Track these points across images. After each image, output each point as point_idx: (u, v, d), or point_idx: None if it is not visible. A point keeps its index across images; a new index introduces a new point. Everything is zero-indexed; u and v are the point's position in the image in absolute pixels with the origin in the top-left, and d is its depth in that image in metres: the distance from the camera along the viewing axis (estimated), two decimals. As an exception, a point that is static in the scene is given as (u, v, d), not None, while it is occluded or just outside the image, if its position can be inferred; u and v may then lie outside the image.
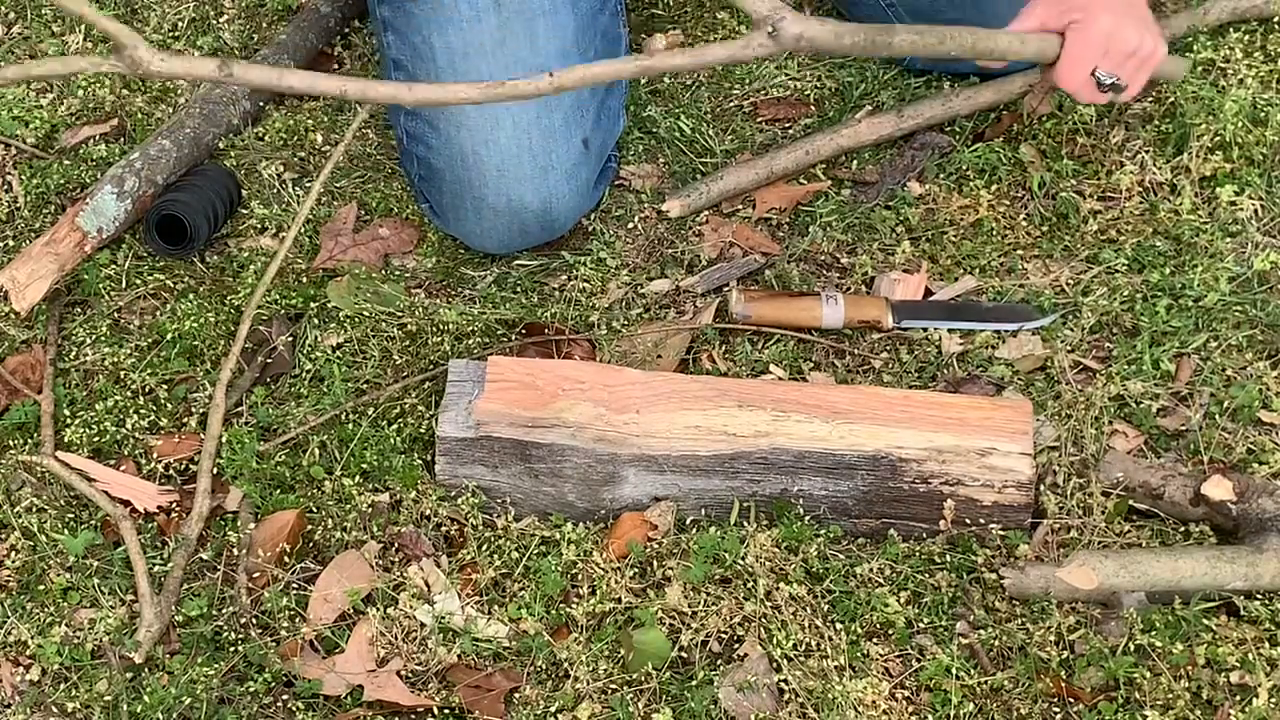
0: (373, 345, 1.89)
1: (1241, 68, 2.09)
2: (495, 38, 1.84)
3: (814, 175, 2.06)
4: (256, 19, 2.30)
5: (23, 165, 2.11)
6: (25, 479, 1.77)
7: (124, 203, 1.96)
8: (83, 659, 1.62)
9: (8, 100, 2.17)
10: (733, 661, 1.59)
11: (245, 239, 2.02)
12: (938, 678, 1.57)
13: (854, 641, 1.59)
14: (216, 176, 2.03)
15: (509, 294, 1.95)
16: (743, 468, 1.68)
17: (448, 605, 1.64)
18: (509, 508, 1.72)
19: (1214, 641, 1.57)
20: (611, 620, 1.62)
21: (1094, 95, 1.84)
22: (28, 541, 1.71)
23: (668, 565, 1.65)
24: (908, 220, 1.99)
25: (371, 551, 1.69)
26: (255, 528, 1.71)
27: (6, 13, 2.32)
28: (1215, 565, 1.58)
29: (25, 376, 1.86)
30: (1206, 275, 1.88)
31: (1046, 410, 1.78)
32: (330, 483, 1.75)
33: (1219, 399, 1.78)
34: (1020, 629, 1.60)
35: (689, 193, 2.01)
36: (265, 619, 1.64)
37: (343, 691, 1.58)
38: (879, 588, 1.64)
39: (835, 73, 2.18)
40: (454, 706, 1.57)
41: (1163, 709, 1.52)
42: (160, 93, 2.20)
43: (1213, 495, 1.65)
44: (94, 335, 1.91)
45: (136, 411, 1.82)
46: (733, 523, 1.69)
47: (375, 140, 2.14)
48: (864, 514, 1.69)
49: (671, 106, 2.15)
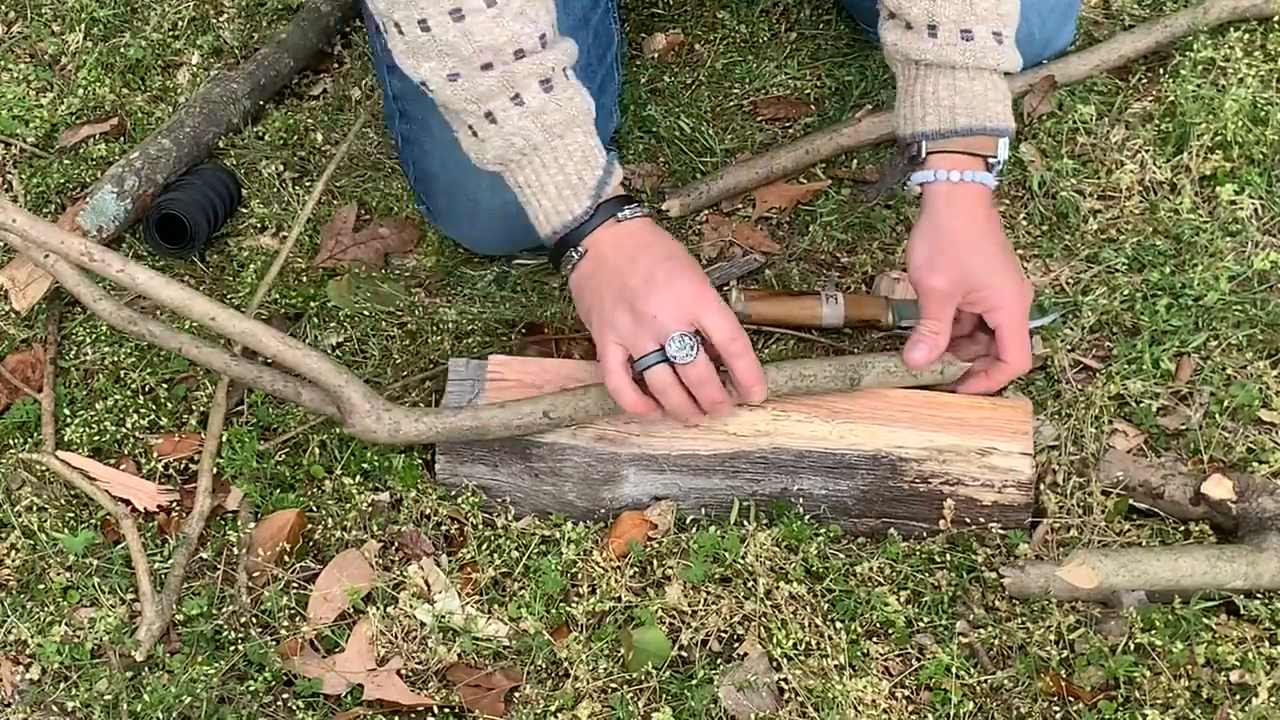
0: (373, 344, 1.89)
1: (1241, 67, 2.09)
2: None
3: (814, 174, 2.06)
4: (256, 18, 2.30)
5: (23, 164, 2.11)
6: (25, 478, 1.77)
7: (124, 202, 1.96)
8: (83, 658, 1.62)
9: (8, 100, 2.17)
10: (733, 661, 1.59)
11: (245, 238, 2.02)
12: (938, 677, 1.57)
13: (854, 640, 1.59)
14: (216, 176, 2.03)
15: (509, 293, 1.95)
16: (743, 467, 1.68)
17: (448, 604, 1.64)
18: (509, 507, 1.72)
19: (1214, 640, 1.57)
20: (611, 619, 1.62)
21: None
22: (28, 540, 1.71)
23: (668, 564, 1.65)
24: (908, 219, 1.99)
25: (371, 551, 1.69)
26: (255, 527, 1.71)
27: (6, 12, 2.32)
28: (1215, 564, 1.58)
29: (25, 375, 1.86)
30: (1206, 274, 1.88)
31: (1046, 410, 1.78)
32: (330, 482, 1.75)
33: (1219, 398, 1.78)
34: (1020, 628, 1.60)
35: (689, 192, 2.01)
36: (265, 618, 1.64)
37: (343, 690, 1.58)
38: (879, 587, 1.64)
39: (835, 72, 2.18)
40: (454, 706, 1.57)
41: (1162, 708, 1.52)
42: (160, 92, 2.20)
43: (1213, 494, 1.65)
44: (94, 334, 1.91)
45: (136, 410, 1.82)
46: (733, 522, 1.69)
47: (375, 140, 2.14)
48: (864, 513, 1.69)
49: (671, 105, 2.15)
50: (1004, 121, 1.66)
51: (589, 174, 1.60)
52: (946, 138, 1.65)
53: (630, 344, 1.57)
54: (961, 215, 1.65)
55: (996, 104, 1.65)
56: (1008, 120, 1.66)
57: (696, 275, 1.59)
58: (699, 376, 1.57)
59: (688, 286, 1.57)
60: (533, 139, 1.58)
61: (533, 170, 1.60)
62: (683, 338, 1.55)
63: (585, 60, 1.91)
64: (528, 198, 1.62)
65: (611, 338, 1.58)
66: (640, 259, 1.58)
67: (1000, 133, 1.66)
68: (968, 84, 1.64)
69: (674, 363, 1.56)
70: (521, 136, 1.58)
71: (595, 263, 1.60)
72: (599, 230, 1.60)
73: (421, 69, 1.58)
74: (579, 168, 1.59)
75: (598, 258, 1.60)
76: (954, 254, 1.64)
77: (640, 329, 1.56)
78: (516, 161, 1.60)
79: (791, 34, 2.25)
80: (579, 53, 1.63)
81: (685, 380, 1.57)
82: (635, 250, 1.59)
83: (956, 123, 1.65)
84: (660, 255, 1.59)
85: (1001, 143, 1.66)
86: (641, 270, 1.57)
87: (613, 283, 1.58)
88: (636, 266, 1.58)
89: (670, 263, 1.59)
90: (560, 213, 1.60)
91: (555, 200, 1.60)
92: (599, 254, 1.60)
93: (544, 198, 1.60)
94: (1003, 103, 1.66)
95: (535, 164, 1.59)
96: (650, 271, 1.57)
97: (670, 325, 1.55)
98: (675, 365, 1.56)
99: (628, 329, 1.57)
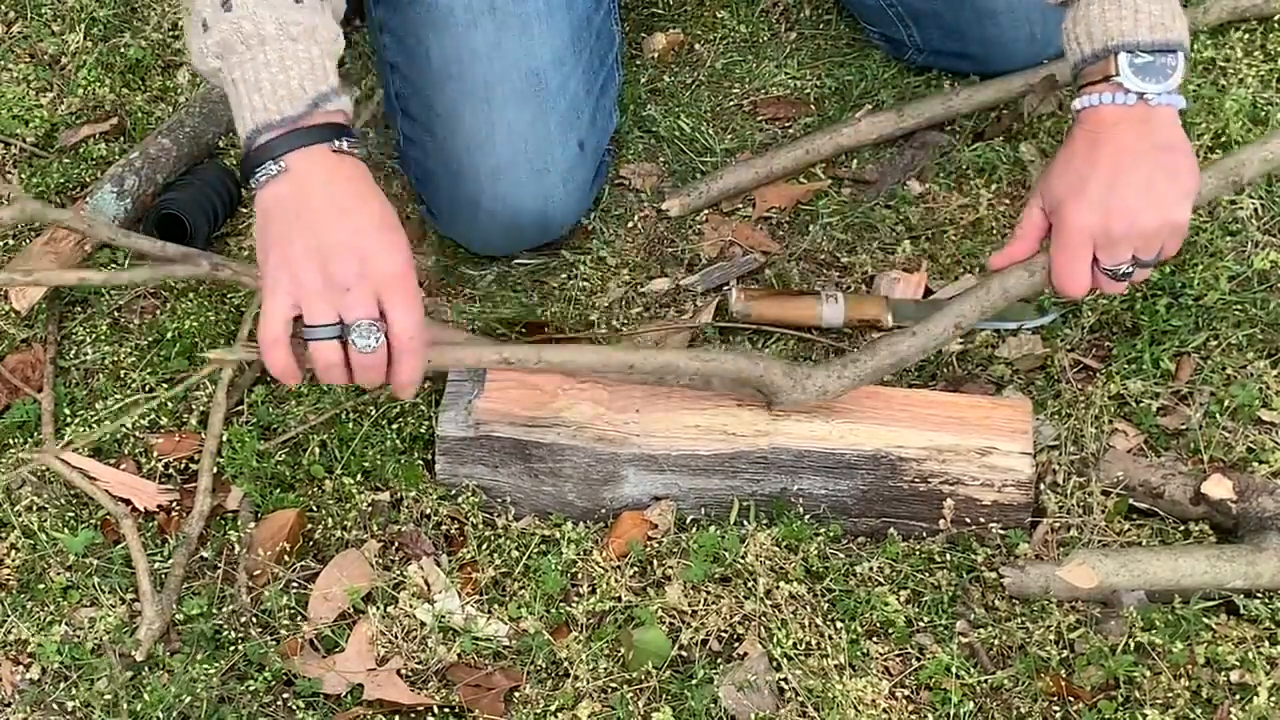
0: (373, 344, 1.89)
1: (1241, 67, 2.09)
2: (490, 41, 1.84)
3: (814, 174, 2.06)
4: (256, 18, 2.30)
5: (23, 164, 2.11)
6: (25, 477, 1.77)
7: (124, 202, 1.96)
8: (83, 657, 1.62)
9: (8, 99, 2.17)
10: (733, 660, 1.59)
11: (245, 238, 2.02)
12: (938, 676, 1.57)
13: (854, 640, 1.59)
14: (216, 175, 2.03)
15: (509, 293, 1.95)
16: (742, 467, 1.68)
17: (448, 604, 1.64)
18: (509, 507, 1.72)
19: (1214, 640, 1.57)
20: (611, 619, 1.62)
21: (1112, 287, 1.59)
22: (28, 540, 1.71)
23: (668, 564, 1.65)
24: (908, 219, 1.99)
25: (371, 550, 1.69)
26: (256, 526, 1.71)
27: (6, 12, 2.32)
28: (1215, 564, 1.58)
29: (25, 375, 1.86)
30: (1206, 274, 1.88)
31: (1046, 409, 1.78)
32: (330, 482, 1.75)
33: (1219, 398, 1.78)
34: (1020, 628, 1.60)
35: (689, 192, 2.01)
36: (265, 617, 1.65)
37: (343, 690, 1.58)
38: (879, 586, 1.64)
39: (835, 72, 2.18)
40: (454, 705, 1.57)
41: (1163, 708, 1.52)
42: (160, 92, 2.20)
43: (1213, 494, 1.65)
44: (94, 334, 1.91)
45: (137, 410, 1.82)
46: (732, 522, 1.69)
47: (375, 140, 2.14)
48: (864, 513, 1.69)
49: (671, 105, 2.15)
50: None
51: (311, 86, 1.42)
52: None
53: (306, 304, 1.39)
54: (1077, 134, 1.58)
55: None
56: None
57: (407, 255, 1.43)
58: (369, 364, 1.41)
59: (395, 267, 1.41)
60: (264, 29, 1.42)
61: (253, 66, 1.42)
62: (371, 326, 1.39)
63: (588, 61, 1.92)
64: (239, 95, 1.42)
65: (287, 287, 1.39)
66: (353, 213, 1.42)
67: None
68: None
69: (347, 344, 1.40)
70: (251, 23, 1.41)
71: (294, 189, 1.41)
72: (307, 150, 1.41)
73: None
74: (304, 78, 1.42)
75: (299, 184, 1.41)
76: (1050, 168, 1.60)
77: (326, 294, 1.39)
78: (239, 54, 1.42)
79: (791, 34, 2.25)
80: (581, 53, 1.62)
81: (351, 362, 1.41)
82: (349, 199, 1.43)
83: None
84: (376, 219, 1.42)
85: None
86: (350, 228, 1.40)
87: (311, 225, 1.40)
88: (346, 220, 1.41)
89: (385, 235, 1.42)
90: (268, 111, 1.41)
91: (267, 98, 1.41)
92: (301, 180, 1.42)
93: (256, 94, 1.42)
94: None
95: (258, 60, 1.42)
96: (360, 235, 1.40)
97: (360, 306, 1.39)
98: (346, 346, 1.40)
99: (311, 288, 1.39)
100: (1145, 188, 1.52)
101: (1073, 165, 1.55)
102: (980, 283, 1.64)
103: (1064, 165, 1.56)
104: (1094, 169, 1.53)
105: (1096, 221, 1.53)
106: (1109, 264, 1.55)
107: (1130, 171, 1.52)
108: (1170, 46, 1.52)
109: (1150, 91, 1.52)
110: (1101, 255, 1.55)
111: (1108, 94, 1.53)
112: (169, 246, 1.62)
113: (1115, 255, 1.55)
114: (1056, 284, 1.59)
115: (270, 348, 1.40)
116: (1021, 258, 1.62)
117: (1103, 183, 1.53)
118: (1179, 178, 1.53)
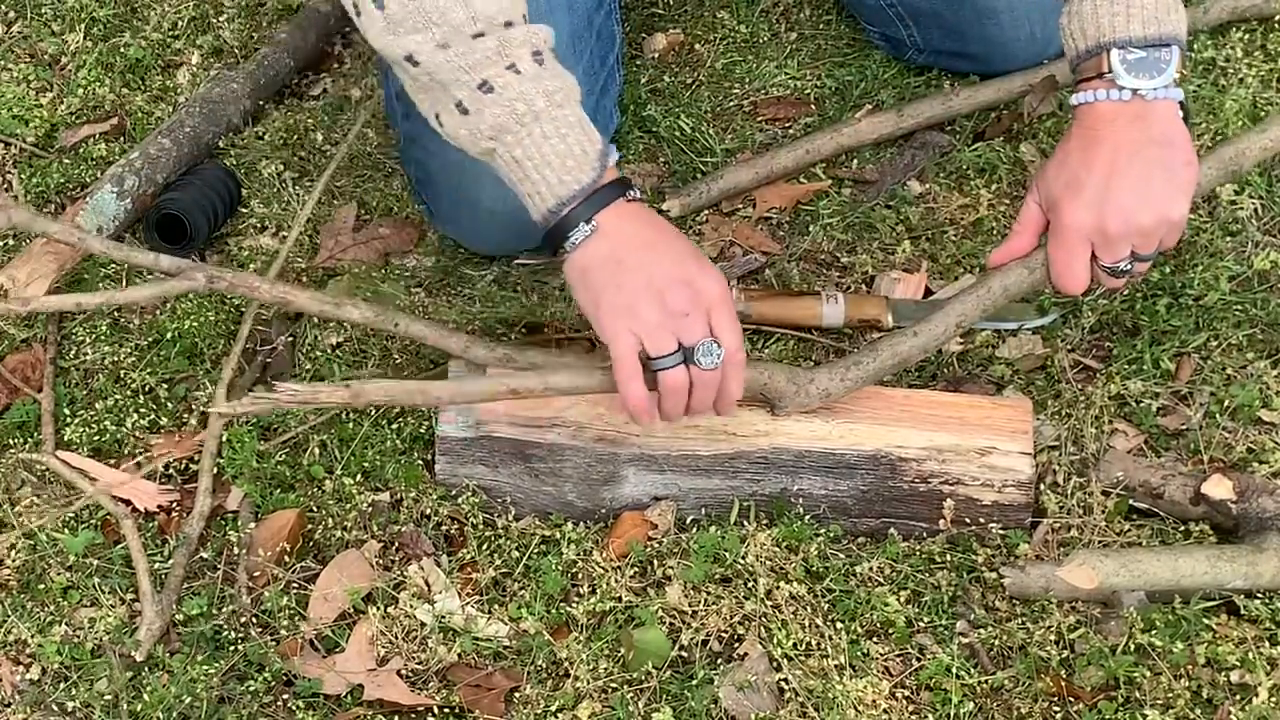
0: (372, 345, 1.89)
1: (1241, 67, 2.09)
2: (493, 42, 1.84)
3: (814, 174, 2.06)
4: (256, 18, 2.30)
5: (23, 164, 2.11)
6: (25, 478, 1.77)
7: (124, 202, 1.96)
8: (83, 658, 1.62)
9: (8, 99, 2.17)
10: (733, 661, 1.59)
11: (245, 238, 2.02)
12: (938, 677, 1.57)
13: (854, 640, 1.59)
14: (216, 175, 2.03)
15: (509, 293, 1.95)
16: (743, 467, 1.68)
17: (448, 604, 1.64)
18: (509, 507, 1.72)
19: (1214, 640, 1.57)
20: (612, 619, 1.62)
21: (1112, 283, 1.59)
22: (28, 540, 1.71)
23: (668, 564, 1.65)
24: (908, 219, 1.99)
25: (372, 551, 1.69)
26: (255, 527, 1.71)
27: (6, 12, 2.32)
28: (1215, 564, 1.58)
29: (25, 375, 1.86)
30: (1207, 274, 1.88)
31: (1046, 409, 1.78)
32: (330, 482, 1.75)
33: (1219, 398, 1.78)
34: (1020, 628, 1.60)
35: (689, 192, 2.01)
36: (265, 618, 1.64)
37: (343, 690, 1.58)
38: (879, 587, 1.64)
39: (835, 72, 2.18)
40: (454, 706, 1.57)
41: (1163, 708, 1.52)
42: (160, 92, 2.20)
43: (1213, 494, 1.65)
44: (94, 334, 1.91)
45: (136, 410, 1.82)
46: (733, 522, 1.69)
47: (375, 140, 2.14)
48: (864, 513, 1.69)
49: (671, 105, 2.15)
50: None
51: (590, 146, 1.48)
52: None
53: (650, 337, 1.48)
54: (1074, 131, 1.58)
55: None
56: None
57: (723, 277, 1.51)
58: (712, 380, 1.50)
59: (720, 289, 1.49)
60: (535, 105, 1.46)
61: (533, 142, 1.47)
62: (711, 344, 1.48)
63: (589, 62, 1.92)
64: (526, 172, 1.49)
65: (627, 325, 1.48)
66: (669, 249, 1.50)
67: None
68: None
69: (694, 365, 1.49)
70: (524, 102, 1.46)
71: (610, 243, 1.48)
72: (610, 208, 1.48)
73: (406, 42, 1.47)
74: (580, 139, 1.48)
75: (612, 238, 1.48)
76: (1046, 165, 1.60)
77: (667, 324, 1.47)
78: (515, 133, 1.47)
79: (791, 34, 2.24)
80: (582, 54, 1.62)
81: (694, 381, 1.50)
82: (660, 238, 1.51)
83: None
84: (689, 249, 1.51)
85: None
86: (671, 261, 1.48)
87: (638, 268, 1.48)
88: (666, 256, 1.49)
89: (701, 262, 1.50)
90: (565, 183, 1.47)
91: (559, 170, 1.47)
92: (613, 234, 1.48)
93: (546, 169, 1.48)
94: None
95: (536, 134, 1.47)
96: (681, 266, 1.48)
97: (699, 328, 1.48)
98: (692, 367, 1.49)
99: (653, 322, 1.47)
100: (1141, 185, 1.52)
101: (1069, 163, 1.55)
102: (980, 281, 1.64)
103: (1060, 162, 1.56)
104: (1090, 167, 1.53)
105: (1092, 221, 1.53)
106: (1107, 261, 1.55)
107: (1126, 169, 1.52)
108: (1164, 40, 1.52)
109: (1144, 87, 1.52)
110: (1099, 253, 1.55)
111: (1102, 90, 1.53)
112: (162, 258, 1.61)
113: (1113, 253, 1.55)
114: (1055, 281, 1.59)
115: (628, 384, 1.49)
116: (1021, 253, 1.62)
117: (1098, 182, 1.53)
118: (1176, 173, 1.53)
